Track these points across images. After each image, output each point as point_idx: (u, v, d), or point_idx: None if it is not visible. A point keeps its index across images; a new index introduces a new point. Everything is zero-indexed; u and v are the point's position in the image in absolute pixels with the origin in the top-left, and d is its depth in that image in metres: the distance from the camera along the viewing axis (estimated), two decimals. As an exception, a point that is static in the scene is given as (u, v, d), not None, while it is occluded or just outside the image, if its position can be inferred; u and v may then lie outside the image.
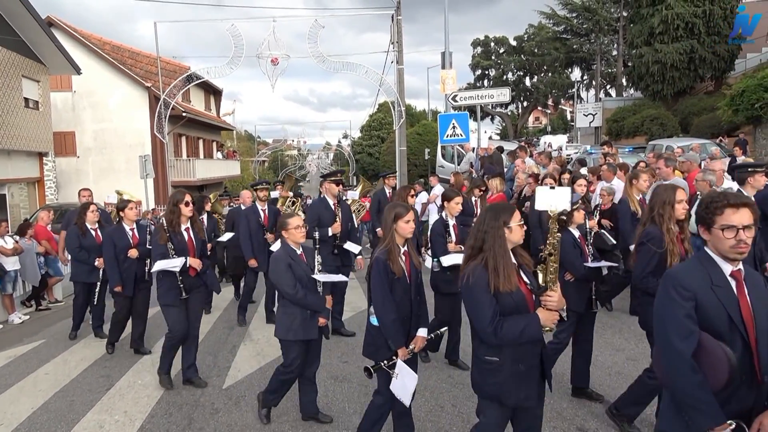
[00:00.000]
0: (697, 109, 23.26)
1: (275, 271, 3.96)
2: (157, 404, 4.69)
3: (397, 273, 3.31)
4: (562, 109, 57.19)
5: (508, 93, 13.27)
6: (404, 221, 3.38)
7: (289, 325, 3.98)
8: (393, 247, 3.35)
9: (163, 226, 4.78)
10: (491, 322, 2.62)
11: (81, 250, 6.64)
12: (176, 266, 4.73)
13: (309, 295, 3.97)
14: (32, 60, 18.09)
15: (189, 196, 4.84)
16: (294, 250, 4.04)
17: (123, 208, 6.02)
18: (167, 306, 4.87)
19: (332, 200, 6.27)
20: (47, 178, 19.29)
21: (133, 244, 5.96)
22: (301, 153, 63.98)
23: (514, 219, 2.77)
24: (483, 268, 2.69)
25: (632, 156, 14.28)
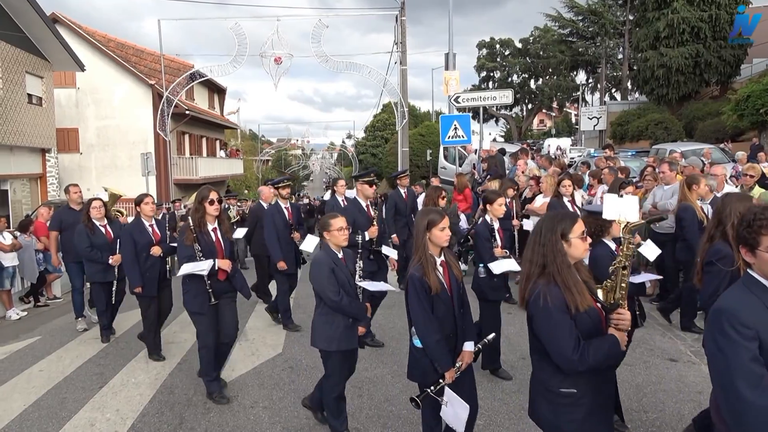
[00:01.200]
0: (701, 114, 23.14)
1: (318, 276, 3.69)
2: (149, 403, 4.66)
3: (434, 288, 3.02)
4: (567, 112, 57.05)
5: (511, 95, 13.19)
6: (439, 229, 3.10)
7: (331, 335, 3.72)
8: (427, 260, 3.06)
9: (189, 225, 4.45)
10: (576, 349, 2.27)
11: (92, 249, 6.30)
12: (204, 270, 4.40)
13: (353, 302, 3.75)
14: (36, 56, 18.11)
15: (215, 194, 4.52)
16: (336, 254, 3.79)
17: (139, 203, 5.66)
18: (195, 314, 4.54)
19: (365, 202, 5.89)
20: (50, 174, 19.31)
21: (155, 240, 5.63)
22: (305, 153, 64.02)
23: (575, 231, 2.44)
24: (557, 287, 2.35)
25: (635, 160, 14.20)
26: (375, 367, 5.34)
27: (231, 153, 34.58)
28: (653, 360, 5.28)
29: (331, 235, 3.77)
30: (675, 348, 5.62)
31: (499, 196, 5.00)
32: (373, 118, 49.91)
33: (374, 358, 5.58)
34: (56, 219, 7.27)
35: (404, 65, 17.99)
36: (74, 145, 23.08)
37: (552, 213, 2.72)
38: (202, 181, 25.22)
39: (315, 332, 3.83)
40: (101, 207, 6.51)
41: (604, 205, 2.90)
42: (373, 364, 5.40)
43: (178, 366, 5.55)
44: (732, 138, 19.35)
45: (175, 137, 24.34)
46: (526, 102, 47.58)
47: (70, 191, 7.26)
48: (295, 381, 5.03)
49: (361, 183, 5.98)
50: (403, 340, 6.03)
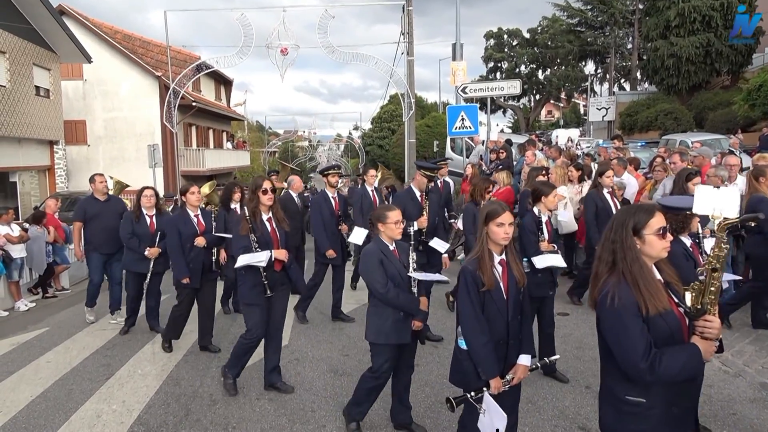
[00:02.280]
0: (712, 104, 22.86)
1: (366, 267, 3.63)
2: (155, 395, 4.66)
3: (488, 284, 2.83)
4: (575, 103, 56.59)
5: (519, 85, 13.08)
6: (496, 224, 2.88)
7: (379, 327, 3.65)
8: (485, 255, 2.89)
9: (245, 215, 4.37)
10: (645, 356, 2.07)
11: (132, 237, 6.25)
12: (262, 261, 4.28)
13: (401, 294, 3.61)
14: (43, 48, 18.14)
15: (269, 183, 4.42)
16: (387, 246, 3.69)
17: (185, 192, 5.60)
18: (250, 305, 4.45)
19: (419, 192, 5.70)
20: (58, 166, 19.40)
21: (199, 231, 5.54)
22: (312, 144, 63.94)
23: (650, 226, 2.21)
24: (627, 286, 2.16)
25: (645, 151, 14.06)
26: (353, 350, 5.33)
27: (237, 145, 34.59)
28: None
29: (386, 227, 3.67)
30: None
31: (553, 188, 4.76)
32: (380, 109, 49.66)
33: (351, 344, 5.57)
34: (80, 209, 6.98)
35: (411, 56, 17.83)
36: (82, 137, 23.16)
37: (628, 206, 2.54)
38: (209, 172, 25.28)
39: (367, 324, 3.77)
40: (152, 196, 6.40)
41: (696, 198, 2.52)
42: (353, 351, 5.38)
43: (184, 358, 5.55)
44: (743, 128, 19.11)
45: (182, 129, 24.34)
46: (533, 93, 47.24)
47: (96, 181, 6.99)
48: (301, 373, 5.02)
49: (421, 174, 5.79)
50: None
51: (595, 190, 6.51)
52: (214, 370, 5.17)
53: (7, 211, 8.89)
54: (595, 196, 6.44)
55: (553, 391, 4.52)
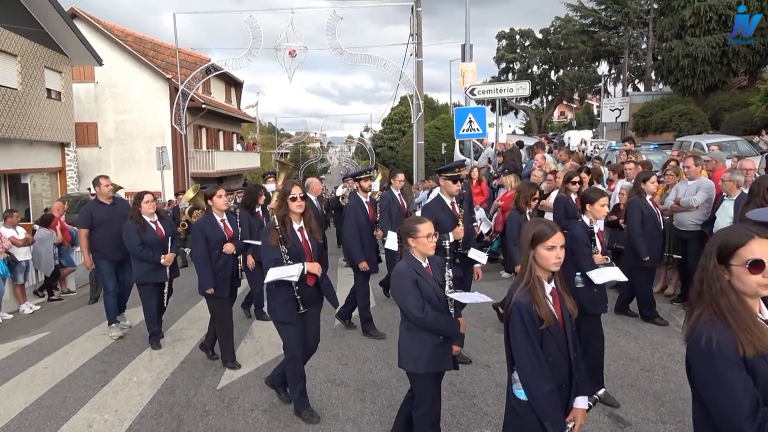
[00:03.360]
0: (728, 105, 22.44)
1: (399, 290, 3.28)
2: (149, 404, 4.57)
3: (546, 321, 2.42)
4: (588, 104, 56.10)
5: (528, 87, 12.90)
6: (546, 247, 2.47)
7: (418, 355, 3.26)
8: (536, 285, 2.45)
9: (275, 224, 4.00)
10: (752, 417, 1.69)
11: (143, 247, 5.79)
12: (294, 275, 3.91)
13: (441, 317, 3.25)
14: (55, 51, 18.26)
15: (298, 189, 4.03)
16: (420, 263, 3.31)
17: (212, 196, 5.20)
18: (283, 324, 4.09)
19: (449, 199, 5.20)
20: (69, 168, 19.52)
21: (228, 237, 5.20)
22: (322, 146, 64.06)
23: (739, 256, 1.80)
24: (725, 325, 1.79)
25: (657, 153, 13.79)
26: (380, 369, 5.18)
27: (248, 146, 34.68)
28: (672, 366, 5.03)
29: (417, 241, 3.28)
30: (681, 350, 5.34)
31: (602, 195, 4.39)
32: (391, 110, 49.60)
33: (380, 360, 5.42)
34: (86, 215, 6.50)
35: (419, 57, 17.74)
36: (93, 140, 23.32)
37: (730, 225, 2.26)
38: (219, 174, 25.36)
39: (401, 351, 3.37)
40: (153, 201, 6.03)
41: None
42: (379, 366, 5.24)
43: (181, 365, 5.46)
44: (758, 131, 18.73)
45: (192, 131, 24.44)
46: (546, 94, 46.88)
47: (101, 184, 6.53)
48: (298, 383, 4.89)
49: (445, 178, 5.23)
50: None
51: (638, 197, 6.09)
52: (210, 378, 5.08)
53: (12, 214, 8.90)
54: (639, 203, 6.05)
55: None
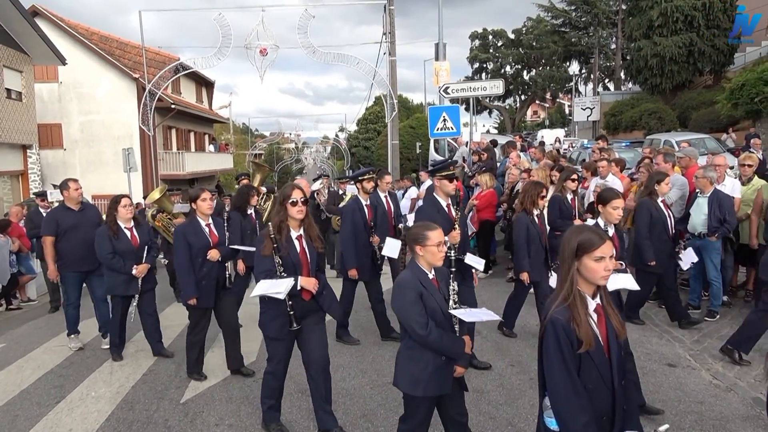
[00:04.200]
0: (695, 103, 22.89)
1: (401, 303, 2.96)
2: (106, 421, 4.29)
3: (587, 344, 2.11)
4: (561, 103, 56.80)
5: (501, 86, 12.86)
6: (594, 258, 2.16)
7: (416, 376, 2.98)
8: (577, 301, 2.16)
9: (269, 233, 3.62)
10: None
11: (114, 256, 5.37)
12: (281, 293, 3.53)
13: (445, 336, 2.96)
14: (14, 50, 17.57)
15: (299, 192, 3.65)
16: (426, 274, 3.02)
17: (195, 199, 4.82)
18: (272, 339, 3.80)
19: (445, 201, 4.89)
20: (31, 171, 18.82)
21: (212, 243, 4.85)
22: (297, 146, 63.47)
23: None
24: None
25: (629, 151, 13.90)
26: (353, 377, 4.99)
27: (220, 147, 34.10)
28: (650, 365, 4.97)
29: (426, 250, 2.98)
30: (673, 352, 5.30)
31: (617, 196, 4.21)
32: (366, 110, 49.44)
33: (353, 367, 5.23)
34: (51, 222, 5.99)
35: (393, 56, 17.58)
36: (57, 141, 22.57)
37: None
38: (190, 176, 24.82)
39: (398, 369, 3.09)
40: (131, 206, 5.57)
41: None
42: (351, 374, 5.06)
43: (143, 378, 5.17)
44: (725, 128, 19.11)
45: (161, 132, 23.87)
46: (519, 93, 47.29)
47: (70, 188, 6.01)
48: (267, 393, 4.67)
49: (439, 178, 4.90)
50: (386, 346, 5.70)
51: (649, 198, 5.80)
52: (173, 391, 4.82)
53: (-35, 220, 8.44)
54: (649, 205, 5.77)
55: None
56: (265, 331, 3.84)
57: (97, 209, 6.67)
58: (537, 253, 5.49)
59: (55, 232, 5.95)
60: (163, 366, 5.47)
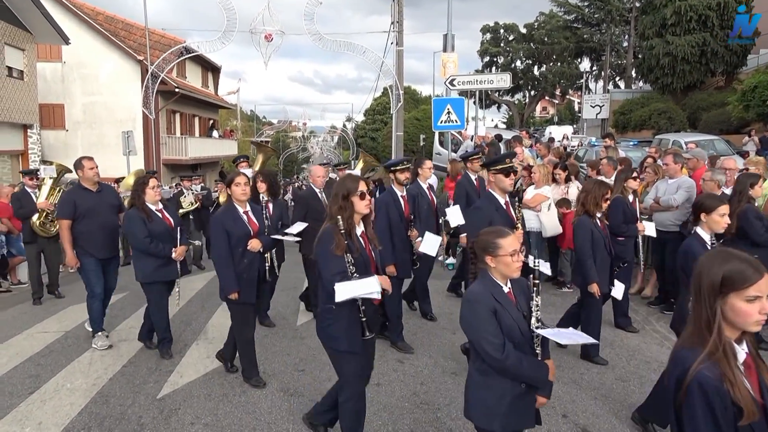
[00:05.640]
0: (706, 104, 22.51)
1: (471, 320, 2.55)
2: (78, 415, 4.11)
3: (750, 413, 1.62)
4: (570, 100, 56.30)
5: (508, 79, 12.57)
6: (746, 297, 1.68)
7: (491, 407, 2.56)
8: (729, 355, 1.68)
9: (339, 228, 3.17)
10: None
11: (152, 240, 4.95)
12: (374, 292, 3.03)
13: (525, 360, 2.52)
14: (17, 27, 17.36)
15: (364, 185, 3.27)
16: (500, 287, 2.59)
17: (229, 184, 4.44)
18: (347, 354, 3.23)
19: (502, 198, 4.44)
20: (31, 150, 18.67)
21: (252, 231, 4.46)
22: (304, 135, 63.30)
23: None
24: None
25: (637, 150, 13.61)
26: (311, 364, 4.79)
27: (225, 134, 33.89)
28: (649, 375, 4.75)
29: (498, 261, 2.56)
30: (671, 359, 5.07)
31: (721, 202, 3.75)
32: (373, 101, 49.14)
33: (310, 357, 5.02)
34: (68, 203, 5.48)
35: (400, 46, 17.27)
36: (60, 122, 22.40)
37: None
38: (192, 161, 24.64)
39: (470, 397, 2.67)
40: (158, 187, 5.18)
41: None
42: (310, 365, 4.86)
43: (122, 370, 4.99)
44: (736, 130, 18.77)
45: (165, 116, 23.66)
46: (528, 88, 46.82)
47: (84, 167, 5.50)
48: (247, 392, 4.47)
49: (494, 172, 4.40)
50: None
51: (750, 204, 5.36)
52: (151, 386, 4.63)
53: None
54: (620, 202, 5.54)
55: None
56: (336, 346, 3.24)
57: (114, 190, 6.24)
58: (603, 261, 4.85)
59: (72, 215, 5.43)
60: (145, 357, 5.30)
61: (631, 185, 5.89)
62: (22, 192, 7.91)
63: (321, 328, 3.30)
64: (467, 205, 6.43)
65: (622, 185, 5.86)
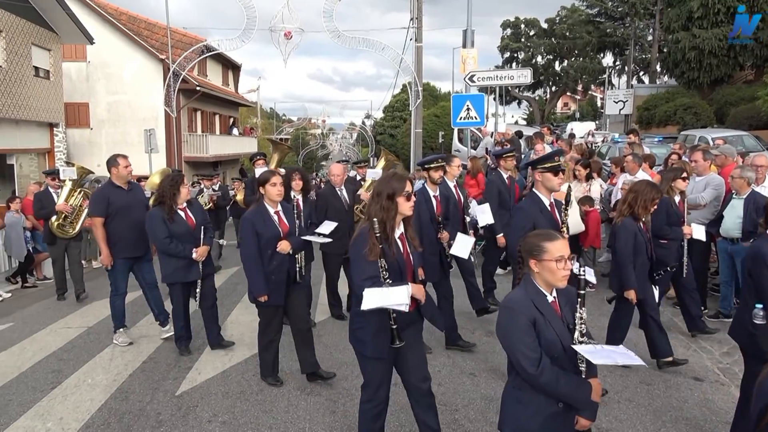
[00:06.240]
0: (734, 99, 21.96)
1: (507, 329, 2.38)
2: (98, 411, 4.16)
3: None
4: (592, 96, 55.48)
5: (529, 74, 12.39)
6: None
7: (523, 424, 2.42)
8: None
9: (374, 230, 2.98)
10: None
11: (172, 241, 4.89)
12: (402, 303, 2.88)
13: (562, 377, 2.32)
14: (43, 28, 17.68)
15: (410, 185, 3.08)
16: (544, 296, 2.42)
17: (264, 183, 4.26)
18: (370, 359, 3.15)
19: (548, 199, 4.23)
20: (57, 149, 19.01)
21: (283, 233, 4.36)
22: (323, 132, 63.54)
23: None
24: None
25: (661, 146, 13.34)
26: (357, 375, 4.64)
27: (245, 131, 34.13)
28: (675, 378, 4.62)
29: (542, 266, 2.38)
30: (701, 364, 4.94)
31: None
32: (393, 98, 49.02)
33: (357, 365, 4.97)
34: (102, 201, 5.44)
35: (419, 42, 17.17)
36: (84, 120, 22.78)
37: None
38: (213, 159, 24.87)
39: (504, 411, 2.52)
40: (189, 185, 5.04)
41: None
42: (356, 371, 4.75)
43: (141, 366, 5.04)
44: (767, 125, 18.26)
45: (186, 114, 23.91)
46: (550, 84, 46.27)
47: (119, 165, 5.49)
48: (265, 390, 4.47)
49: (542, 171, 4.17)
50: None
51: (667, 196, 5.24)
52: (169, 382, 4.66)
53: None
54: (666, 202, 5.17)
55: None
56: (362, 350, 3.17)
57: (142, 189, 6.22)
58: (642, 266, 4.61)
59: (105, 212, 5.40)
60: (164, 354, 5.34)
61: (679, 185, 5.59)
62: (44, 192, 7.86)
63: (350, 330, 3.23)
64: (499, 204, 6.35)
65: (669, 185, 5.58)
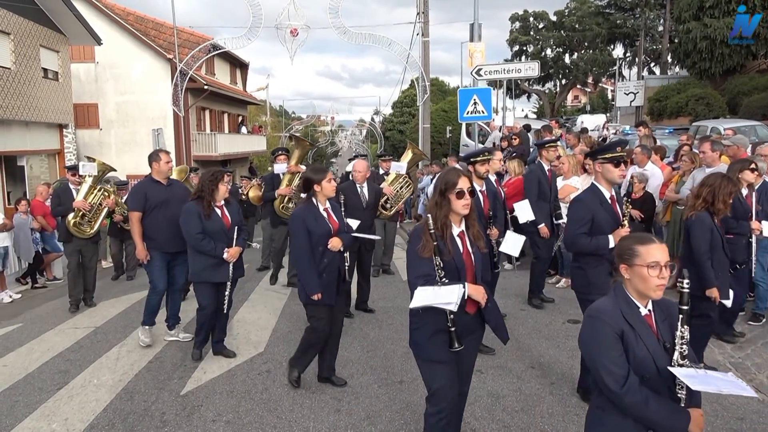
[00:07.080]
0: (747, 89, 21.56)
1: (591, 341, 2.18)
2: (102, 412, 4.15)
3: None
4: (603, 88, 54.86)
5: (537, 67, 12.27)
6: None
7: None
8: None
9: (428, 226, 2.86)
10: None
11: (204, 237, 4.72)
12: (452, 303, 2.69)
13: (652, 400, 2.07)
14: (51, 30, 17.80)
15: (467, 182, 2.90)
16: (636, 307, 2.19)
17: (320, 180, 4.11)
18: (431, 362, 2.96)
19: (608, 192, 4.01)
20: (67, 150, 19.16)
21: (333, 230, 4.25)
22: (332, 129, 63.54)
23: None
24: None
25: (673, 138, 13.13)
26: (362, 373, 4.72)
27: (253, 129, 34.21)
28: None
29: (632, 272, 2.16)
30: (712, 358, 4.85)
31: None
32: (401, 93, 48.87)
33: (363, 362, 4.97)
34: (140, 195, 5.43)
35: (426, 37, 17.07)
36: (94, 121, 22.93)
37: None
38: (222, 158, 24.94)
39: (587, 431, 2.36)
40: (228, 183, 4.92)
41: None
42: (360, 370, 4.79)
43: (147, 366, 5.03)
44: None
45: (194, 113, 24.00)
46: (559, 77, 45.80)
47: (161, 160, 5.45)
48: (269, 389, 4.45)
49: (602, 161, 3.99)
50: (400, 341, 5.40)
51: None
52: (175, 382, 4.65)
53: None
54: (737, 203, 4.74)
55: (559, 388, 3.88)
56: (420, 353, 2.98)
57: (184, 185, 6.13)
58: (720, 263, 4.33)
59: (143, 208, 5.37)
60: (171, 353, 5.34)
61: (747, 177, 5.22)
62: (63, 188, 7.30)
63: (410, 331, 3.06)
64: (538, 196, 6.28)
65: (737, 177, 5.20)
